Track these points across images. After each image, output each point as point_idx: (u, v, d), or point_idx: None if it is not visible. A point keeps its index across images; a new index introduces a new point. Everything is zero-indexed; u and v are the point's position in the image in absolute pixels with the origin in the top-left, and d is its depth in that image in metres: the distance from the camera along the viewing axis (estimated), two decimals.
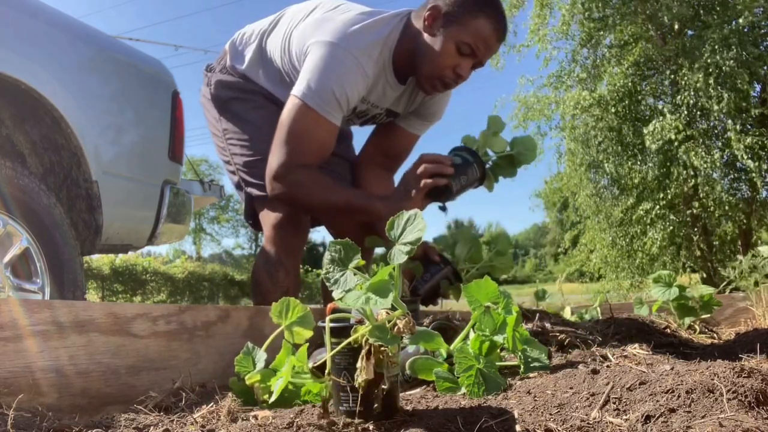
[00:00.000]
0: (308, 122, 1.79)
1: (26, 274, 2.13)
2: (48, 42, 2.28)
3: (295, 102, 1.79)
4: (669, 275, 2.07)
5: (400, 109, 2.11)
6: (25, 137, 2.39)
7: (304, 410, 0.96)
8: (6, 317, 1.06)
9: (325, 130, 1.81)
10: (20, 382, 1.03)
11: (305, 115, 1.78)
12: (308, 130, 1.80)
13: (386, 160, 2.23)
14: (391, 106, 2.08)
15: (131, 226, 2.72)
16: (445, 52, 1.81)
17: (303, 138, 1.80)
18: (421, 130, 2.19)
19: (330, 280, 0.95)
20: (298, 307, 1.03)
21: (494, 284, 1.16)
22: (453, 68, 1.83)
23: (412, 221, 0.95)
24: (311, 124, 1.79)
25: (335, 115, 1.81)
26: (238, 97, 2.12)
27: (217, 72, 2.17)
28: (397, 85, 1.97)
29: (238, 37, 2.15)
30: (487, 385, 1.05)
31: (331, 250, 0.97)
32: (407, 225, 0.95)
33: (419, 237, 0.93)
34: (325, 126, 1.80)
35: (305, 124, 1.79)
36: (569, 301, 2.62)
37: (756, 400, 0.80)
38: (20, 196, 2.08)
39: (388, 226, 0.96)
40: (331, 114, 1.80)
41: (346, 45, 1.78)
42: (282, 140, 1.81)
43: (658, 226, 10.37)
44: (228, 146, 2.13)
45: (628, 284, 11.12)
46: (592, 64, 10.93)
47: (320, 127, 1.80)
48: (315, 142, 1.82)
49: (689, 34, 10.08)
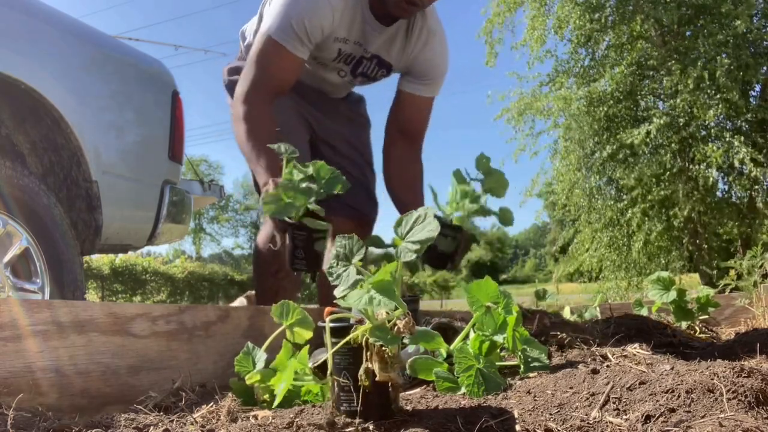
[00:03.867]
0: (269, 51, 1.84)
1: (26, 274, 2.13)
2: (48, 42, 2.28)
3: (259, 35, 1.87)
4: (667, 277, 2.07)
5: (391, 59, 2.06)
6: (25, 137, 2.39)
7: (304, 410, 0.96)
8: (6, 317, 1.06)
9: (285, 60, 1.85)
10: (20, 382, 1.03)
11: (266, 46, 1.84)
12: (268, 58, 1.84)
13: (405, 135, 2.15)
14: (380, 53, 2.03)
15: (131, 226, 2.72)
16: None
17: (263, 66, 1.85)
18: (425, 90, 2.10)
19: (333, 275, 0.95)
20: (297, 309, 1.03)
21: (495, 284, 1.16)
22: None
23: (421, 220, 0.95)
24: (272, 53, 1.84)
25: (296, 46, 1.83)
26: None
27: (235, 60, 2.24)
28: (376, 24, 1.94)
29: (247, 25, 2.22)
30: (487, 385, 1.05)
31: (336, 246, 0.97)
32: (416, 224, 0.95)
33: (431, 237, 0.92)
34: (285, 56, 1.83)
35: (266, 53, 1.84)
36: (569, 301, 2.62)
37: (756, 399, 0.80)
38: (20, 196, 2.08)
39: (396, 223, 0.96)
40: (291, 44, 1.82)
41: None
42: (246, 68, 1.88)
43: (656, 226, 10.37)
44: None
45: (626, 284, 11.11)
46: (590, 64, 10.94)
47: (280, 57, 1.84)
48: (275, 69, 1.86)
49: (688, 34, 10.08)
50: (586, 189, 11.05)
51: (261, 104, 1.86)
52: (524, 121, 11.54)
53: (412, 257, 0.93)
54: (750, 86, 9.84)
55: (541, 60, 11.11)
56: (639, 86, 10.52)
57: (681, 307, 2.03)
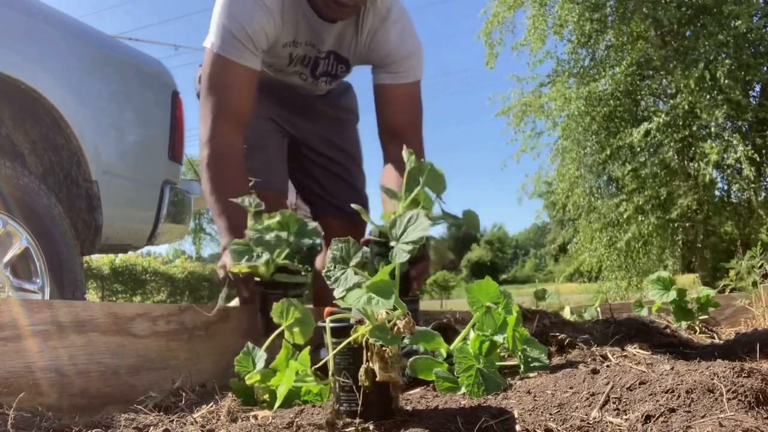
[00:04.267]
0: (217, 69, 1.72)
1: (26, 274, 2.13)
2: (48, 42, 2.28)
3: (205, 57, 1.75)
4: (667, 277, 2.06)
5: (346, 53, 1.93)
6: (25, 137, 2.39)
7: (304, 410, 0.96)
8: (6, 317, 1.06)
9: (236, 74, 1.72)
10: (20, 382, 1.03)
11: (214, 63, 1.72)
12: (220, 76, 1.72)
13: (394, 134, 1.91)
14: (334, 48, 1.92)
15: (131, 226, 2.72)
16: None
17: (217, 89, 1.72)
18: (395, 78, 1.88)
19: (330, 279, 0.95)
20: (299, 308, 1.03)
21: (495, 284, 1.16)
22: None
23: (414, 220, 0.95)
24: (220, 70, 1.72)
25: (242, 55, 1.71)
26: None
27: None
28: (321, 22, 1.82)
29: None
30: (487, 385, 1.05)
31: (333, 249, 0.97)
32: (409, 224, 0.95)
33: (422, 236, 0.93)
34: (234, 70, 1.71)
35: (215, 72, 1.72)
36: (569, 301, 2.62)
37: (756, 399, 0.80)
38: (20, 196, 2.08)
39: (390, 225, 0.97)
40: (237, 55, 1.70)
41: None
42: (202, 98, 1.76)
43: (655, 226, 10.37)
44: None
45: (625, 284, 11.11)
46: (590, 64, 10.94)
47: (230, 72, 1.72)
48: (228, 88, 1.73)
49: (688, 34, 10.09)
50: (585, 189, 11.06)
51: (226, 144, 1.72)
52: (525, 122, 11.55)
53: (405, 257, 0.93)
54: (750, 86, 9.84)
55: (540, 61, 11.12)
56: (639, 86, 10.53)
57: (681, 307, 2.03)
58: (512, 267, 65.86)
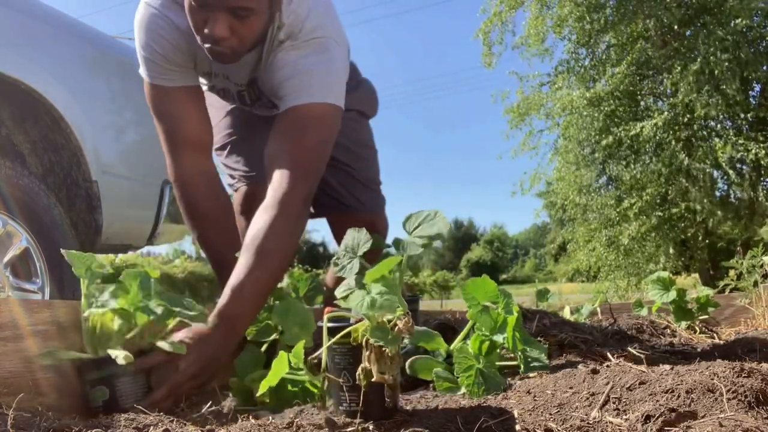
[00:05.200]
0: (151, 97, 1.63)
1: (26, 274, 2.13)
2: (48, 42, 2.28)
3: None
4: (667, 277, 2.07)
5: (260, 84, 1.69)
6: (25, 137, 2.39)
7: (304, 410, 0.96)
8: (6, 317, 1.06)
9: (170, 98, 1.60)
10: (20, 382, 1.03)
11: (147, 92, 1.63)
12: (156, 105, 1.63)
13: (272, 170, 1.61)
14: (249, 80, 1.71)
15: (131, 225, 2.72)
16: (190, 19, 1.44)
17: (163, 117, 1.63)
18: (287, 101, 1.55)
19: (338, 265, 0.97)
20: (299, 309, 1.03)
21: (493, 283, 1.16)
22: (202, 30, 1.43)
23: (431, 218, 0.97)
24: (155, 98, 1.63)
25: (164, 75, 1.59)
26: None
27: None
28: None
29: None
30: (487, 384, 1.05)
31: (347, 238, 1.00)
32: (424, 221, 0.97)
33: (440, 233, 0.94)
34: (165, 93, 1.60)
35: (151, 101, 1.63)
36: (569, 301, 2.62)
37: (756, 400, 0.80)
38: (20, 196, 2.08)
39: (405, 220, 0.99)
40: (160, 76, 1.59)
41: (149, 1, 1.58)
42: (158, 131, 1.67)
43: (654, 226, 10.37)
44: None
45: (624, 284, 11.12)
46: (590, 64, 10.94)
47: (163, 97, 1.61)
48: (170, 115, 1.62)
49: (688, 34, 10.09)
50: (584, 188, 11.07)
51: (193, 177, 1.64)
52: (525, 122, 11.56)
53: (418, 251, 0.94)
54: (750, 85, 9.85)
55: (541, 59, 11.13)
56: (639, 86, 10.54)
57: (681, 307, 2.03)
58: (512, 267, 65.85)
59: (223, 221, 1.67)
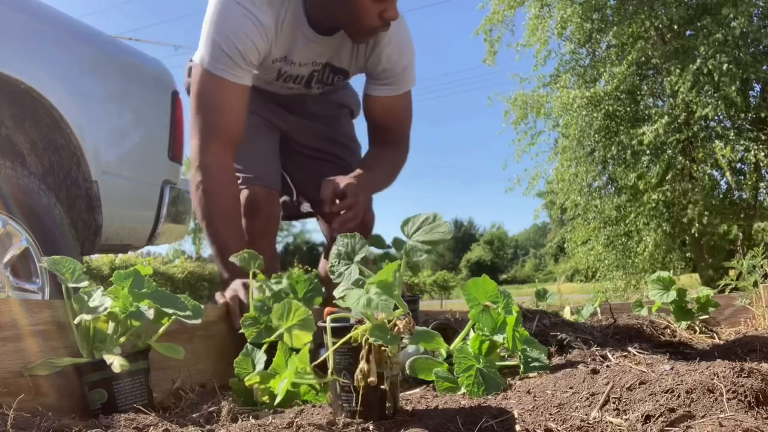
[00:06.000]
0: (207, 87, 1.68)
1: (26, 274, 2.13)
2: (48, 42, 2.28)
3: (194, 69, 1.71)
4: (667, 277, 2.06)
5: (344, 65, 1.92)
6: (25, 137, 2.39)
7: (304, 410, 0.96)
8: (6, 317, 1.06)
9: (227, 92, 1.68)
10: (20, 382, 1.03)
11: (204, 80, 1.68)
12: (210, 94, 1.68)
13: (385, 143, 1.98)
14: (332, 62, 1.90)
15: (131, 226, 2.72)
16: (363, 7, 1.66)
17: (207, 105, 1.69)
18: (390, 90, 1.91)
19: (335, 273, 0.96)
20: (300, 309, 1.03)
21: (493, 283, 1.16)
22: (379, 16, 1.68)
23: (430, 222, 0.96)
24: (211, 88, 1.68)
25: (232, 72, 1.67)
26: None
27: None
28: (318, 37, 1.80)
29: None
30: (487, 384, 1.05)
31: (338, 244, 0.98)
32: (424, 224, 0.96)
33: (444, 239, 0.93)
34: (225, 87, 1.67)
35: (205, 89, 1.68)
36: (569, 301, 2.62)
37: (756, 399, 0.80)
38: (20, 196, 2.08)
39: (403, 223, 0.98)
40: (228, 72, 1.66)
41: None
42: (192, 116, 1.71)
43: (654, 226, 10.37)
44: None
45: (624, 284, 11.12)
46: (590, 64, 10.94)
47: (221, 89, 1.68)
48: (219, 107, 1.70)
49: (688, 34, 10.09)
50: (584, 187, 11.07)
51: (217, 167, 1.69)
52: (525, 122, 11.56)
53: (422, 257, 0.94)
54: (749, 86, 9.85)
55: (543, 62, 11.12)
56: (639, 86, 10.54)
57: (681, 307, 2.03)
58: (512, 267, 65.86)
59: (235, 214, 1.73)
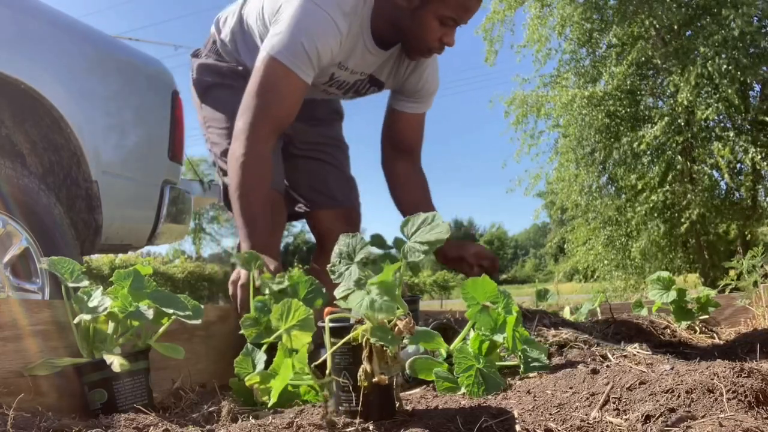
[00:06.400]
0: (276, 76, 1.74)
1: (26, 274, 2.13)
2: (48, 42, 2.28)
3: (263, 56, 1.76)
4: (667, 277, 2.06)
5: (383, 77, 2.04)
6: (25, 137, 2.39)
7: (304, 410, 0.96)
8: (6, 317, 1.06)
9: (293, 85, 1.76)
10: (20, 382, 1.03)
11: (273, 69, 1.74)
12: (276, 83, 1.75)
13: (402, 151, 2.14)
14: (375, 73, 2.01)
15: (131, 226, 2.72)
16: (430, 29, 1.78)
17: (270, 92, 1.75)
18: (417, 108, 2.09)
19: (335, 273, 0.96)
20: (301, 309, 1.03)
21: (492, 283, 1.16)
22: (439, 40, 1.82)
23: (429, 222, 0.96)
24: (279, 78, 1.74)
25: (305, 70, 1.76)
26: (220, 82, 2.09)
27: (202, 56, 2.15)
28: (377, 50, 1.90)
29: (222, 15, 2.13)
30: (487, 384, 1.05)
31: (340, 244, 0.98)
32: (423, 225, 0.96)
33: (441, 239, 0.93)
34: (293, 80, 1.75)
35: (273, 78, 1.74)
36: (569, 301, 2.62)
37: (756, 399, 0.80)
38: (20, 196, 2.08)
39: (402, 224, 0.97)
40: (300, 69, 1.75)
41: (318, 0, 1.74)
42: (249, 96, 1.77)
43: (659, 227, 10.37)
44: (208, 134, 2.10)
45: (623, 284, 11.12)
46: (591, 63, 10.94)
47: (288, 82, 1.75)
48: (282, 96, 1.77)
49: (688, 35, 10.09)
50: (584, 188, 11.06)
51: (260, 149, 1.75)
52: (525, 122, 11.55)
53: (419, 258, 0.93)
54: (749, 86, 9.85)
55: (542, 62, 11.11)
56: (639, 86, 10.53)
57: (681, 307, 2.03)
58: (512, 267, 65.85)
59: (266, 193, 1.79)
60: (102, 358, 1.06)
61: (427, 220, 0.96)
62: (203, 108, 2.12)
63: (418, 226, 0.96)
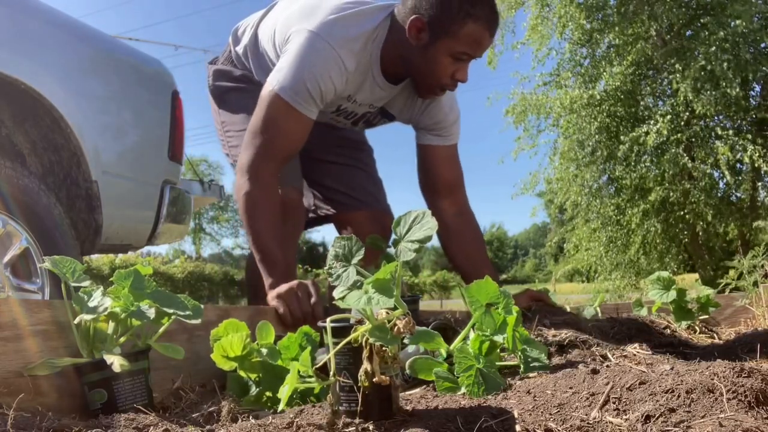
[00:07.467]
0: (279, 113, 1.75)
1: (26, 274, 2.13)
2: (48, 42, 2.28)
3: (268, 91, 1.77)
4: (667, 277, 2.06)
5: (395, 111, 2.04)
6: (25, 137, 2.39)
7: (304, 410, 0.96)
8: (6, 317, 1.06)
9: (296, 122, 1.77)
10: (20, 382, 1.03)
11: (277, 106, 1.75)
12: (278, 120, 1.76)
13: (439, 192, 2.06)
14: (386, 106, 2.02)
15: (131, 226, 2.72)
16: (441, 64, 1.76)
17: (273, 129, 1.76)
18: (441, 140, 2.04)
19: (332, 276, 0.96)
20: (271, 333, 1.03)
21: (494, 284, 1.16)
22: (451, 76, 1.80)
23: (420, 220, 0.95)
24: (282, 116, 1.75)
25: (308, 107, 1.76)
26: (236, 87, 2.10)
27: (219, 63, 2.18)
28: (386, 85, 1.90)
29: (241, 26, 2.15)
30: (487, 384, 1.05)
31: (335, 246, 0.98)
32: (414, 223, 0.95)
33: (429, 235, 0.93)
34: (296, 118, 1.76)
35: (276, 115, 1.75)
36: (569, 301, 2.62)
37: (756, 399, 0.80)
38: (20, 196, 2.08)
39: (395, 224, 0.97)
40: (303, 106, 1.75)
41: (326, 36, 1.73)
42: (252, 131, 1.78)
43: (655, 226, 10.37)
44: (227, 139, 2.12)
45: (623, 284, 11.11)
46: (591, 63, 10.94)
47: (291, 119, 1.76)
48: (285, 133, 1.78)
49: (688, 34, 10.09)
50: (585, 187, 11.06)
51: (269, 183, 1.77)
52: (525, 121, 11.54)
53: (411, 257, 0.93)
54: (749, 85, 9.85)
55: (542, 61, 11.11)
56: (639, 86, 10.53)
57: (681, 307, 2.03)
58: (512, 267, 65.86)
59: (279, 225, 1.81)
60: (102, 358, 1.06)
61: (417, 219, 0.96)
62: (221, 113, 2.14)
63: (410, 226, 0.96)
